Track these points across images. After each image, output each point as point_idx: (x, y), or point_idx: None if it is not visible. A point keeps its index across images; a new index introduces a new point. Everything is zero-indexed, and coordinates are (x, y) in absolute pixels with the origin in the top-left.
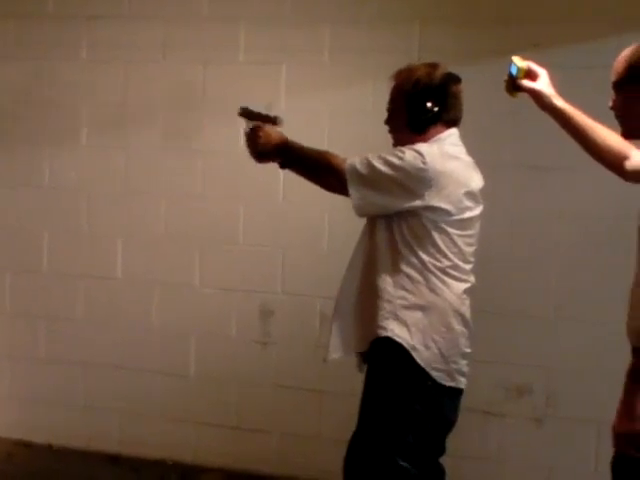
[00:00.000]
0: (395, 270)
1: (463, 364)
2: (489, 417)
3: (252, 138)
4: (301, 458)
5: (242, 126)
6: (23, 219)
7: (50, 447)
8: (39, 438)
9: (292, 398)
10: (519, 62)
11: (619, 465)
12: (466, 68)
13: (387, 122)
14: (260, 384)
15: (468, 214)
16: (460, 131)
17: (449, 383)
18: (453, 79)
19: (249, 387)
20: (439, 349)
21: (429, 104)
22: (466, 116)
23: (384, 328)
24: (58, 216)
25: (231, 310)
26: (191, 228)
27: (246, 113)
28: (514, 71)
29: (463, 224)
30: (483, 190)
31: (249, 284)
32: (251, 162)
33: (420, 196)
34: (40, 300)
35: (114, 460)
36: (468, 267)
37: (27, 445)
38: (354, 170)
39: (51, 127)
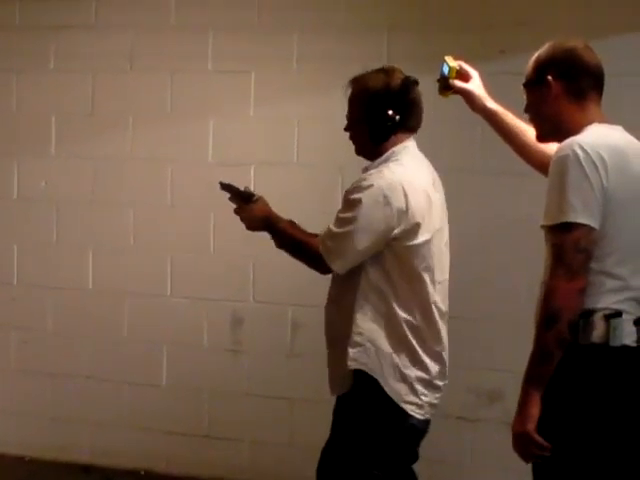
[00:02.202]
0: (366, 302)
1: (433, 397)
2: (462, 422)
3: (241, 215)
4: (273, 466)
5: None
6: None
7: (22, 459)
8: (11, 450)
9: (263, 406)
10: (450, 62)
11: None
12: (434, 75)
13: (347, 129)
14: (231, 392)
15: (435, 226)
16: (430, 138)
17: (420, 416)
18: (411, 84)
19: (220, 396)
20: (409, 383)
21: (390, 112)
22: (435, 123)
23: (355, 360)
24: (27, 227)
25: (202, 319)
26: (161, 237)
27: (227, 188)
28: (445, 70)
29: (431, 241)
30: (454, 196)
31: (220, 293)
32: (220, 171)
33: (393, 227)
34: (10, 312)
35: (86, 470)
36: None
37: None
38: (327, 250)
39: (19, 138)
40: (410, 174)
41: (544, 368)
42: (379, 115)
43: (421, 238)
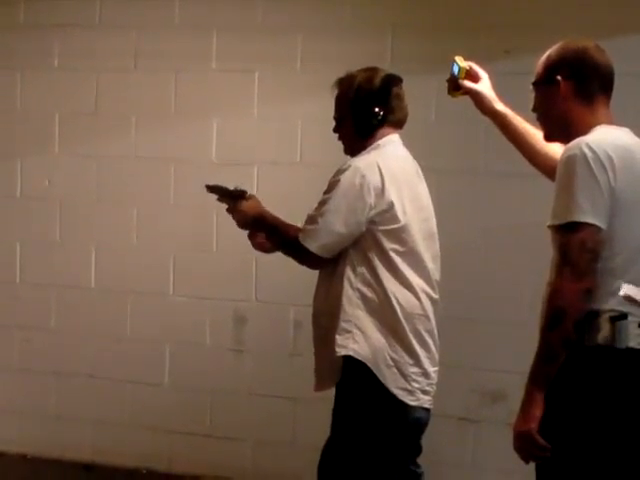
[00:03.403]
0: (352, 289)
1: (425, 384)
2: (464, 423)
3: (233, 215)
4: (276, 465)
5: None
6: None
7: (24, 457)
8: (13, 448)
9: (266, 406)
10: (461, 62)
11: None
12: (438, 75)
13: (335, 130)
14: (234, 392)
15: (416, 216)
16: (433, 139)
17: (412, 402)
18: (394, 80)
19: (223, 395)
20: (398, 368)
21: (374, 109)
22: (438, 124)
23: (344, 347)
24: (30, 226)
25: (205, 318)
26: (164, 236)
27: (214, 190)
28: (455, 70)
29: (409, 225)
30: (458, 197)
31: (223, 292)
32: (223, 170)
33: (371, 204)
34: (13, 310)
35: (88, 469)
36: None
37: (1, 455)
38: (304, 233)
39: (23, 136)
40: (388, 157)
41: (548, 368)
42: (364, 110)
43: (399, 222)
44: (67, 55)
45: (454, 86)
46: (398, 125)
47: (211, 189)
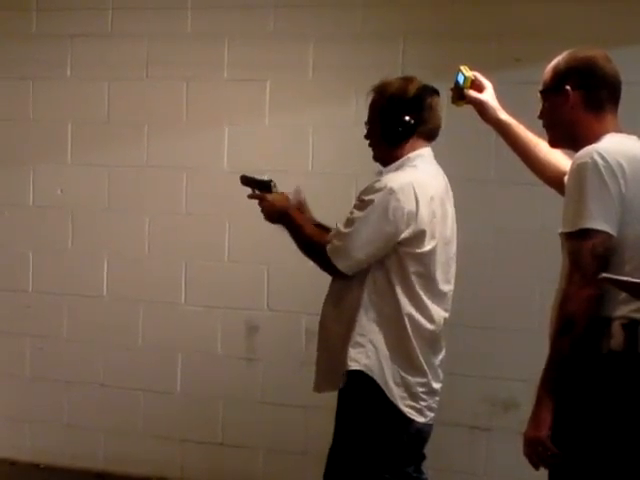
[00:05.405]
0: (370, 302)
1: (432, 401)
2: (475, 431)
3: (262, 205)
4: (287, 473)
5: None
6: (8, 238)
7: (36, 466)
8: (25, 456)
9: (278, 414)
10: (466, 71)
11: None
12: (449, 83)
13: (367, 137)
14: (246, 400)
15: (442, 238)
16: (444, 148)
17: (418, 419)
18: (429, 91)
19: (235, 403)
20: (407, 386)
21: (404, 118)
22: (450, 132)
23: (356, 361)
24: (43, 234)
25: (216, 327)
26: (176, 245)
27: (246, 181)
28: (461, 80)
29: (435, 250)
30: (468, 206)
31: (234, 301)
32: (235, 179)
33: (402, 231)
34: (25, 319)
35: (100, 478)
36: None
37: (13, 464)
38: (334, 249)
39: (35, 145)
40: (423, 180)
41: (559, 374)
42: (393, 118)
43: (426, 247)
44: (79, 64)
45: (459, 95)
46: (430, 137)
47: (245, 181)
